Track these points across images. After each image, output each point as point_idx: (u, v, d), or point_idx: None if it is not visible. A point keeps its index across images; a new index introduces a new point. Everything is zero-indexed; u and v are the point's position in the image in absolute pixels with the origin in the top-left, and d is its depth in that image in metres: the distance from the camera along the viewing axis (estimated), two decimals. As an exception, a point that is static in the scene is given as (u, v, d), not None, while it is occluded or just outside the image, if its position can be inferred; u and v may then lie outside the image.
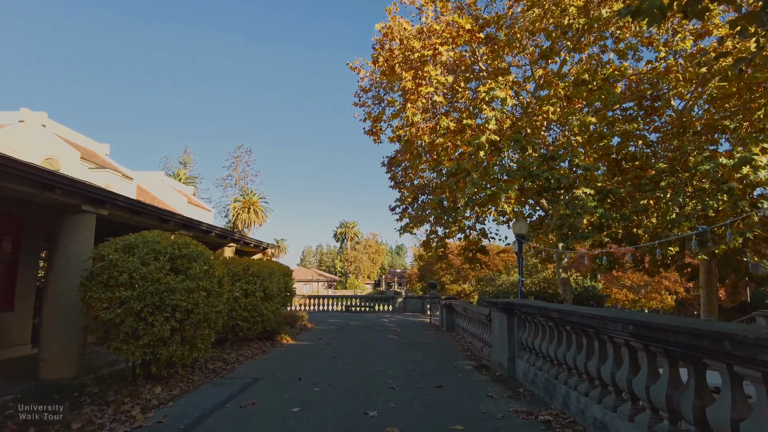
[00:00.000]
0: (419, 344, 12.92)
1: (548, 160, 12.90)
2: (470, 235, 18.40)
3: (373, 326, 18.20)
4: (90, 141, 24.45)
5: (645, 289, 40.11)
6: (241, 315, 11.31)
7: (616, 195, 12.84)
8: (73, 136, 23.23)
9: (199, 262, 7.68)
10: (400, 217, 19.01)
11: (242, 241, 15.86)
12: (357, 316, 23.78)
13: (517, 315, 8.49)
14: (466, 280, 39.75)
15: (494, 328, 9.63)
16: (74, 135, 23.45)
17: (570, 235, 12.24)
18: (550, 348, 6.83)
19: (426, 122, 13.00)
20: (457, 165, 11.79)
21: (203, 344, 7.78)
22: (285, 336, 13.46)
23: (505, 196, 12.04)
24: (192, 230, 12.08)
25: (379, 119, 17.56)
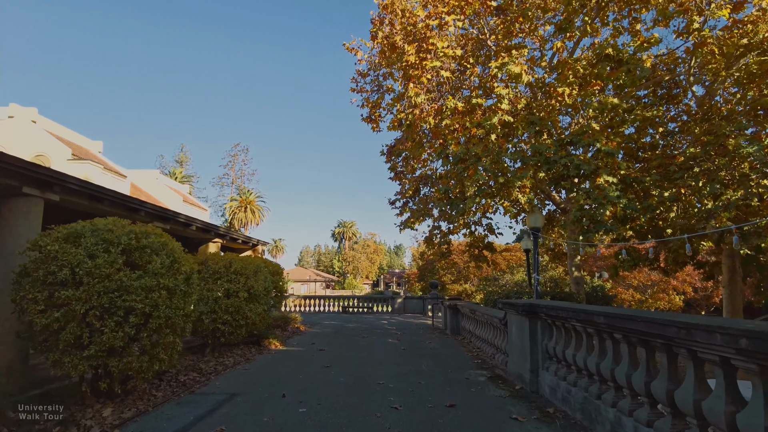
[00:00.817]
0: (423, 350, 11.62)
1: (566, 145, 11.62)
2: (476, 231, 17.11)
3: (372, 329, 16.89)
4: (82, 138, 23.46)
5: (651, 289, 38.91)
6: (222, 318, 10.00)
7: (640, 184, 11.56)
8: (65, 132, 22.20)
9: (161, 255, 6.37)
10: (400, 211, 17.71)
11: (229, 237, 14.53)
12: (354, 318, 22.47)
13: (541, 319, 7.20)
14: (468, 279, 38.46)
15: (511, 333, 8.34)
16: (66, 132, 22.42)
17: (591, 228, 10.94)
18: (589, 360, 5.53)
19: (431, 103, 11.72)
20: (466, 149, 10.51)
21: (167, 354, 6.46)
22: (274, 341, 12.14)
23: (519, 185, 10.76)
24: (168, 222, 10.77)
25: (378, 105, 16.27)
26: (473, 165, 10.71)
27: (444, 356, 10.77)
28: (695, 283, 37.54)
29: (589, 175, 11.31)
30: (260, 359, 10.11)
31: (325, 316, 24.12)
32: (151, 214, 10.05)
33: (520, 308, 7.45)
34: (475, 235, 17.01)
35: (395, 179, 16.58)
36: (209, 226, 12.98)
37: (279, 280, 13.94)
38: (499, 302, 8.77)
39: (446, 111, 11.17)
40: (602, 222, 10.89)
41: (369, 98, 16.35)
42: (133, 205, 9.33)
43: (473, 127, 10.88)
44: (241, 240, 15.59)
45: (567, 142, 11.62)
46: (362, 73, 16.94)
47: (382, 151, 15.65)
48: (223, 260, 10.38)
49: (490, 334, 10.78)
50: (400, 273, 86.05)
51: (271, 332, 12.92)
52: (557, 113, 11.85)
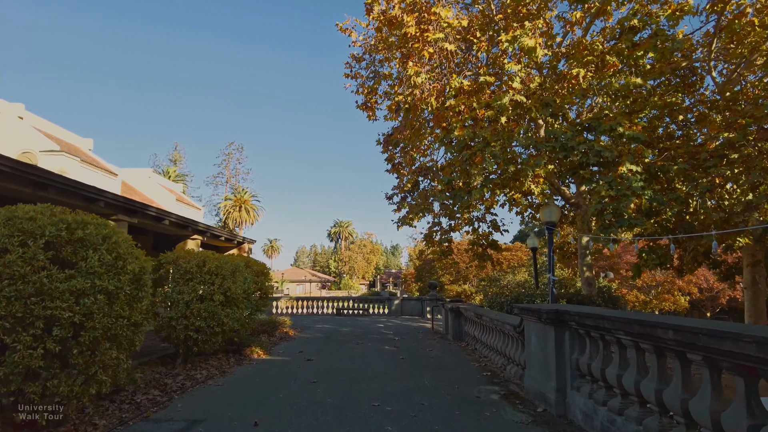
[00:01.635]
0: (424, 359, 10.35)
1: (583, 131, 10.39)
2: (479, 227, 15.87)
3: (367, 334, 15.61)
4: (72, 135, 22.37)
5: (656, 290, 37.82)
6: (195, 324, 8.69)
7: (666, 174, 10.34)
8: (53, 129, 21.09)
9: (100, 250, 5.06)
10: (397, 207, 16.42)
11: (209, 233, 13.22)
12: (349, 321, 21.18)
13: (570, 329, 5.95)
14: (467, 280, 37.25)
15: (530, 344, 7.08)
16: (55, 129, 21.30)
17: (613, 222, 9.71)
18: (645, 385, 4.28)
19: (432, 83, 10.47)
20: (473, 134, 9.27)
21: (108, 374, 5.16)
22: (257, 349, 10.84)
23: (533, 174, 9.53)
24: (135, 215, 9.46)
25: (374, 91, 14.98)
26: (480, 151, 9.45)
27: (448, 367, 9.50)
28: (701, 283, 36.52)
29: (610, 163, 10.09)
30: (238, 372, 8.81)
31: (318, 318, 22.82)
32: (114, 206, 8.75)
33: (543, 315, 6.19)
34: (478, 232, 15.77)
35: (392, 172, 15.30)
36: (185, 221, 11.66)
37: (264, 281, 12.66)
38: (515, 307, 7.51)
39: (450, 91, 9.93)
40: (626, 215, 9.68)
41: (364, 84, 15.07)
42: (89, 194, 8.02)
43: (481, 109, 9.63)
44: (224, 237, 14.28)
45: (585, 127, 10.39)
46: (357, 57, 15.64)
47: (378, 140, 14.38)
48: (195, 258, 9.07)
49: (500, 342, 9.53)
50: (397, 273, 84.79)
51: (254, 339, 11.62)
52: (573, 96, 10.60)
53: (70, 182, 7.45)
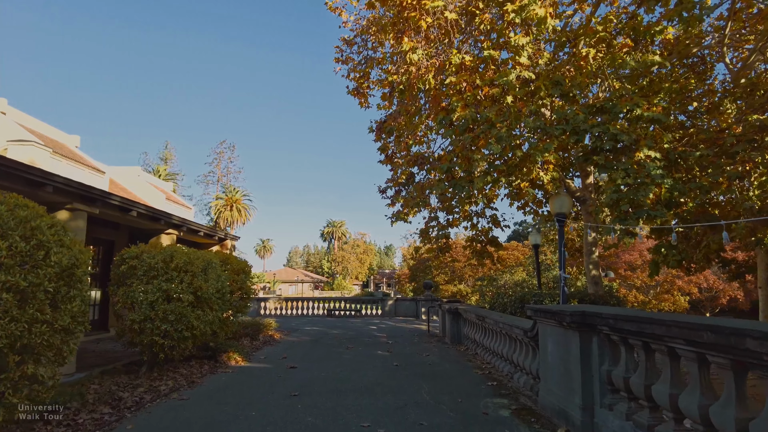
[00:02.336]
0: (420, 366, 9.30)
1: (596, 113, 9.41)
2: (478, 223, 14.86)
3: (359, 336, 14.54)
4: (58, 132, 21.32)
5: (655, 290, 37.10)
6: (160, 328, 7.59)
7: (687, 160, 9.38)
8: (38, 126, 20.02)
9: (12, 236, 3.97)
10: (391, 201, 15.36)
11: (186, 228, 12.09)
12: (340, 323, 20.10)
13: (599, 334, 4.93)
14: (463, 280, 36.30)
15: (546, 351, 6.06)
16: (40, 125, 20.23)
17: (631, 213, 8.73)
18: (721, 413, 3.25)
19: (430, 59, 9.44)
20: (476, 114, 8.26)
21: (20, 397, 4.07)
22: (234, 355, 9.74)
23: (542, 160, 8.55)
24: (94, 204, 8.33)
25: (366, 75, 13.93)
26: (485, 133, 8.43)
27: (448, 375, 8.46)
28: (701, 283, 35.83)
29: (626, 149, 9.12)
30: (209, 382, 7.71)
31: (308, 320, 21.71)
32: (66, 192, 7.62)
33: (567, 318, 5.16)
34: (477, 227, 14.76)
35: (386, 162, 14.25)
36: (157, 213, 10.53)
37: (245, 279, 11.57)
38: (528, 308, 6.49)
39: (450, 68, 8.92)
40: (644, 206, 8.71)
41: (356, 68, 14.01)
42: (32, 177, 6.88)
43: (485, 86, 8.63)
44: (203, 232, 13.15)
45: (598, 109, 9.40)
46: (348, 40, 14.58)
47: (370, 127, 13.30)
48: (161, 253, 7.96)
49: (507, 347, 8.51)
50: (391, 273, 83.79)
51: (233, 344, 10.52)
52: (582, 77, 9.62)
53: (5, 162, 6.33)
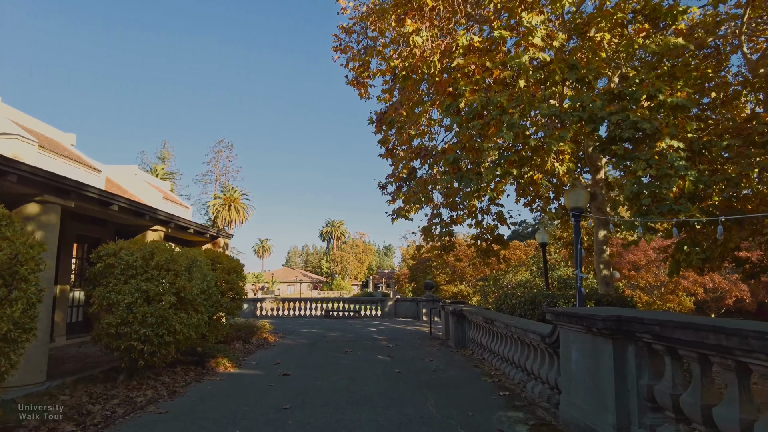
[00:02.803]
0: (424, 374, 8.60)
1: (615, 100, 8.72)
2: (483, 220, 14.17)
3: (358, 339, 13.84)
4: (53, 130, 20.72)
5: (659, 290, 36.45)
6: (139, 332, 6.88)
7: (712, 151, 8.70)
8: (33, 123, 19.38)
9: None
10: (392, 197, 14.66)
11: (174, 224, 11.37)
12: (338, 324, 19.39)
13: (637, 343, 4.24)
14: (464, 280, 35.61)
15: (569, 360, 5.36)
16: (34, 122, 19.58)
17: (652, 208, 8.04)
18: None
19: (435, 40, 8.73)
20: (486, 99, 7.56)
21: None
22: (223, 361, 9.03)
23: (557, 149, 7.85)
24: (68, 196, 7.61)
25: (366, 65, 13.22)
26: (495, 120, 7.73)
27: (454, 384, 7.76)
28: (707, 283, 35.17)
29: (647, 137, 8.43)
30: (192, 392, 7.00)
31: (305, 321, 21.00)
32: (33, 182, 6.89)
33: (598, 323, 4.46)
34: (482, 225, 14.07)
35: (386, 156, 13.54)
36: (141, 208, 9.81)
37: (237, 279, 10.86)
38: (548, 311, 5.79)
39: (457, 50, 8.22)
40: (667, 199, 8.02)
41: (355, 57, 13.30)
42: (-6, 166, 6.16)
43: (495, 68, 7.94)
44: (193, 229, 12.42)
45: (616, 96, 8.71)
46: (346, 28, 13.88)
47: (370, 118, 12.58)
48: (140, 250, 7.25)
49: (519, 353, 7.81)
50: (390, 273, 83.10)
51: (223, 348, 9.81)
52: (597, 61, 8.92)
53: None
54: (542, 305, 9.10)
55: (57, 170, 13.71)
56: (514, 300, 10.85)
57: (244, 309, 24.49)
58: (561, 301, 8.85)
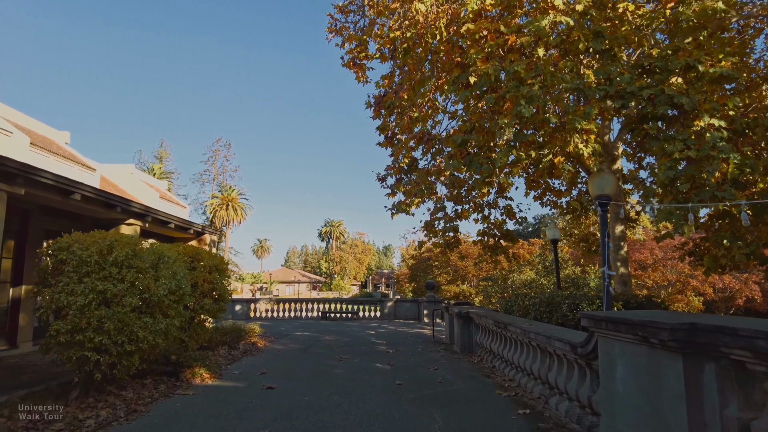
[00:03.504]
0: (429, 386, 7.53)
1: (645, 74, 7.66)
2: (490, 214, 13.12)
3: (354, 344, 12.77)
4: (46, 127, 19.87)
5: (666, 290, 35.43)
6: (93, 340, 5.82)
7: (756, 131, 7.64)
8: (25, 120, 18.51)
9: None
10: (392, 190, 13.59)
11: (151, 218, 10.30)
12: (335, 327, 18.31)
13: (717, 361, 3.18)
14: (465, 280, 34.55)
15: (614, 379, 4.29)
16: (27, 120, 18.71)
17: (692, 194, 6.99)
18: None
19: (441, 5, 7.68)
20: (500, 68, 6.52)
21: None
22: (201, 371, 7.95)
23: (582, 127, 6.81)
24: (14, 181, 6.55)
25: (364, 45, 12.16)
26: (512, 93, 6.68)
27: (465, 399, 6.69)
28: (716, 283, 34.17)
29: (684, 115, 7.37)
30: (156, 412, 5.92)
31: (300, 323, 19.91)
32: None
33: (662, 333, 3.40)
34: (489, 220, 13.02)
35: (386, 145, 12.46)
36: (111, 198, 8.74)
37: (221, 279, 9.79)
38: (583, 316, 4.72)
39: (467, 15, 7.18)
40: (708, 185, 6.97)
41: (351, 38, 12.23)
42: None
43: (510, 34, 6.90)
44: (174, 224, 11.34)
45: (645, 70, 7.65)
46: (342, 7, 12.81)
47: (368, 102, 11.53)
48: (97, 243, 6.17)
49: (538, 363, 6.75)
50: (389, 273, 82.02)
51: (201, 356, 8.74)
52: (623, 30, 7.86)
53: None
54: (562, 307, 8.04)
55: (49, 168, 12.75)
56: (527, 301, 9.79)
57: (236, 310, 23.42)
58: (584, 302, 7.79)
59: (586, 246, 14.71)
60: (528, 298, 9.85)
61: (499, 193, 13.00)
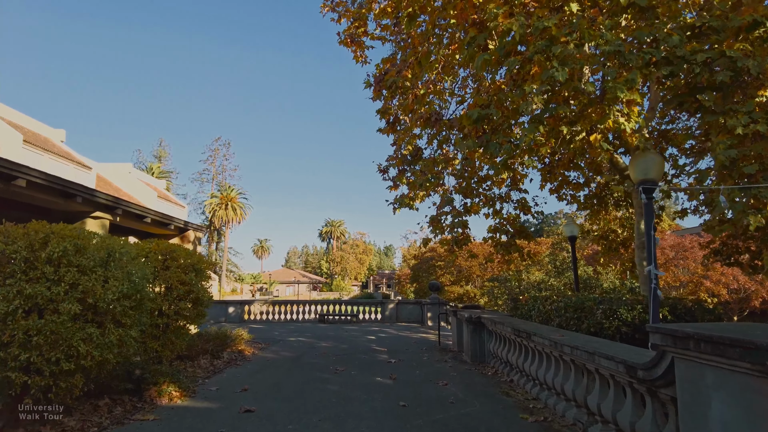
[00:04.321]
0: (439, 407, 6.32)
1: (695, 37, 6.44)
2: (502, 208, 11.90)
3: (353, 352, 11.56)
4: (41, 125, 19.18)
5: (678, 291, 34.15)
6: (18, 358, 4.62)
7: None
8: (19, 118, 17.74)
9: None
10: (393, 183, 12.37)
11: (121, 210, 9.09)
12: (333, 331, 17.11)
13: None
14: (469, 280, 33.29)
15: (707, 417, 3.05)
16: (21, 117, 17.95)
17: (759, 178, 5.77)
18: None
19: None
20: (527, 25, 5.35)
21: None
22: (170, 387, 6.73)
23: (625, 98, 5.61)
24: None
25: (362, 20, 10.96)
26: (541, 56, 5.49)
27: (484, 425, 5.47)
28: (731, 284, 32.89)
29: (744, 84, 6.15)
30: (99, 448, 4.72)
31: (296, 327, 18.70)
32: None
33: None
34: (502, 214, 11.80)
35: (387, 132, 11.24)
36: (69, 186, 7.55)
37: (198, 281, 8.60)
38: (657, 330, 3.48)
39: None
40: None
41: (349, 12, 11.01)
42: None
43: (539, -17, 5.71)
44: (151, 218, 10.13)
45: (697, 30, 6.44)
46: (339, -18, 11.60)
47: (367, 81, 10.31)
48: (27, 236, 4.97)
49: (574, 384, 5.52)
50: (390, 274, 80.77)
51: (172, 370, 7.52)
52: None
53: None
54: (595, 314, 6.82)
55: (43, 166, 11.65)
56: (548, 305, 8.56)
57: (230, 312, 22.23)
58: (622, 308, 6.56)
59: (607, 244, 13.46)
60: (549, 301, 8.63)
61: (512, 185, 11.78)
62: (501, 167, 6.80)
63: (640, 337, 6.24)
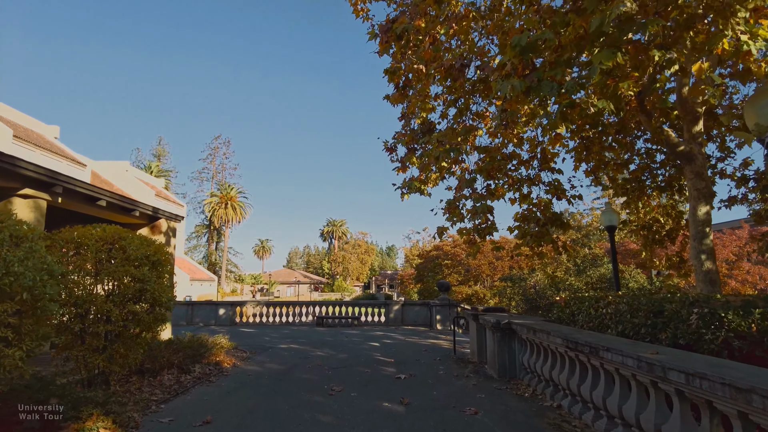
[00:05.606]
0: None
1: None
2: (530, 192, 10.05)
3: (353, 364, 9.68)
4: (34, 121, 17.90)
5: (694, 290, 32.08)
6: None
7: None
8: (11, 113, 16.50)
9: None
10: (402, 164, 10.53)
11: (62, 188, 7.22)
12: (331, 336, 15.23)
13: None
14: (478, 280, 31.37)
15: None
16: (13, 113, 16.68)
17: None
18: None
19: None
20: None
21: None
22: (99, 423, 4.87)
23: (753, 5, 3.78)
24: None
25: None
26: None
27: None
28: (758, 283, 30.90)
29: None
30: None
31: (290, 332, 16.82)
32: None
33: None
34: (531, 199, 9.95)
35: (395, 100, 9.35)
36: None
37: (155, 277, 6.74)
38: None
39: None
40: None
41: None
42: None
43: None
44: (106, 201, 8.25)
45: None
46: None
47: (371, 31, 8.38)
48: None
49: (680, 425, 3.64)
50: (393, 274, 78.85)
51: (106, 396, 5.66)
52: None
53: None
54: (688, 321, 4.92)
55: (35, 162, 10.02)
56: (603, 307, 6.66)
57: (220, 315, 20.40)
58: (731, 312, 4.69)
59: (649, 234, 11.55)
60: (603, 302, 6.73)
61: (543, 164, 9.92)
62: (558, 118, 4.93)
63: (762, 354, 4.37)
